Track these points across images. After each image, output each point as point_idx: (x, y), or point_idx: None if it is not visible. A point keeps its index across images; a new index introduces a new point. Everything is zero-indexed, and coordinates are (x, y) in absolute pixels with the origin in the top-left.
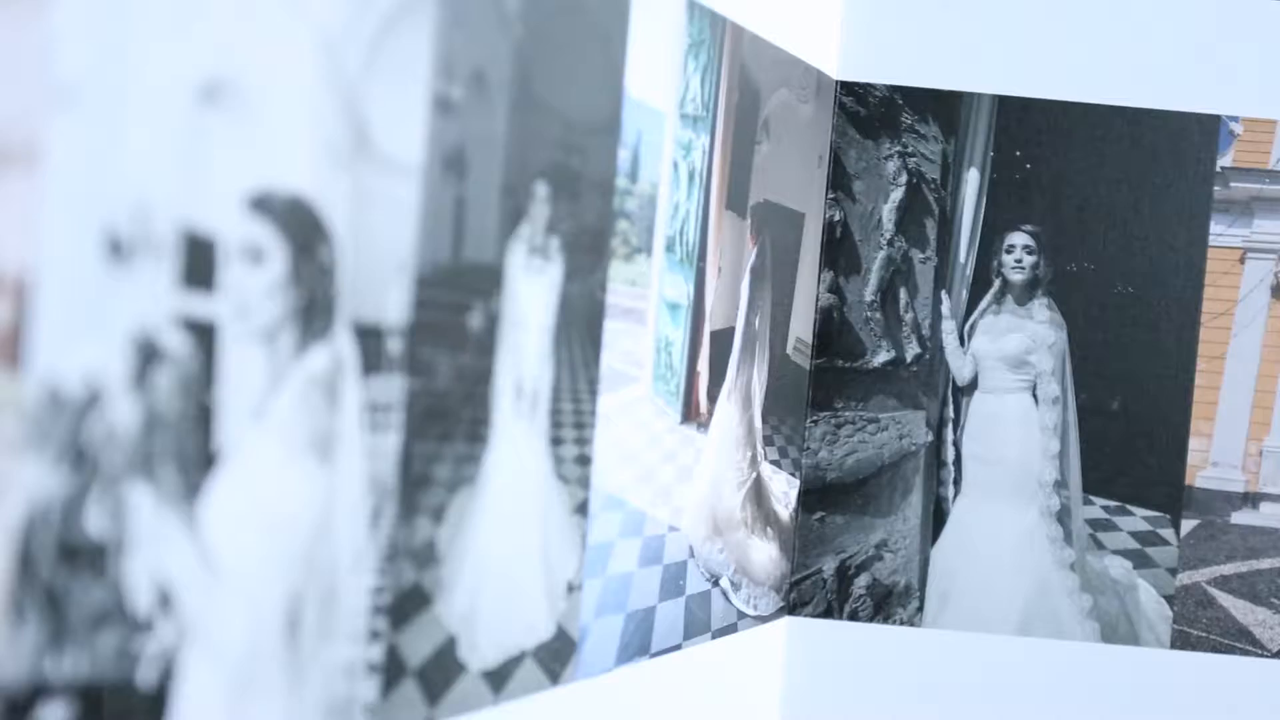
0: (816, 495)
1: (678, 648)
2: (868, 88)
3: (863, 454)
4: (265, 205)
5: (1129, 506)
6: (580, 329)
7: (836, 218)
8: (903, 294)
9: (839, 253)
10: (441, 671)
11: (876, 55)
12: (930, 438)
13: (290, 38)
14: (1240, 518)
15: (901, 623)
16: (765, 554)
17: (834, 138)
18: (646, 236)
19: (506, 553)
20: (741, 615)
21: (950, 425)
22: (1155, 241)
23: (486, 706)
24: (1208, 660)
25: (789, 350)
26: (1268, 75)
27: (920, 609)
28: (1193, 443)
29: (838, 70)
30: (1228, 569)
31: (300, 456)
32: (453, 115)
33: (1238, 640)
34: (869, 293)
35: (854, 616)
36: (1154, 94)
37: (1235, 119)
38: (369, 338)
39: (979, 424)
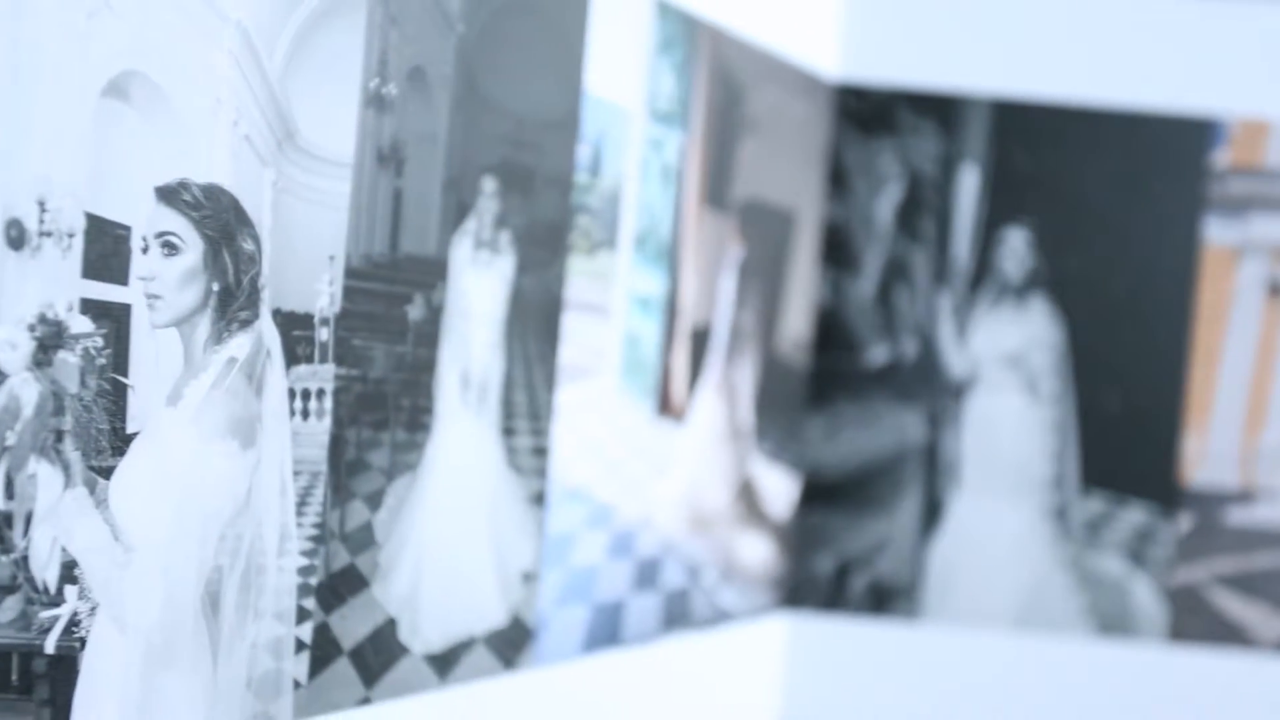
0: (815, 493)
1: (655, 640)
2: (867, 86)
3: (861, 452)
4: (179, 196)
5: (1125, 503)
6: (536, 322)
7: (835, 216)
8: (901, 292)
9: (837, 251)
10: (380, 653)
11: (876, 54)
12: (929, 436)
13: (208, 36)
14: (1236, 515)
15: (900, 619)
16: (758, 551)
17: (832, 136)
18: (611, 232)
19: (452, 539)
20: (732, 611)
21: (949, 423)
22: (1151, 240)
23: (431, 689)
24: (1204, 656)
25: (783, 348)
26: (1263, 75)
27: (919, 605)
28: (1188, 440)
29: (837, 69)
30: (1223, 566)
31: (220, 439)
32: (388, 111)
33: (1233, 636)
34: (867, 291)
35: (853, 613)
36: (1150, 94)
37: (1230, 119)
38: (297, 326)
39: (977, 422)
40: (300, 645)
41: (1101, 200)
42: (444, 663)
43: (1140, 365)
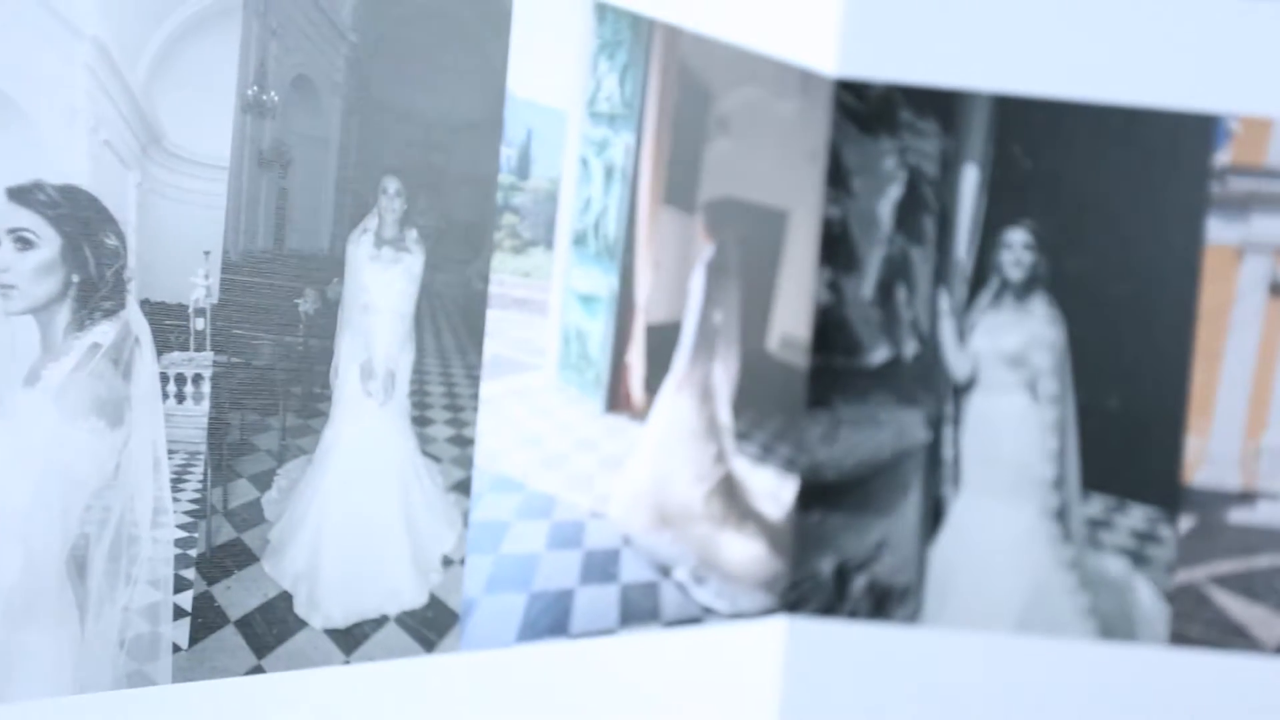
0: (815, 495)
1: (611, 633)
2: (866, 84)
3: (861, 453)
4: (33, 196)
5: (1127, 504)
6: (453, 316)
7: (834, 215)
8: (901, 291)
9: (837, 250)
10: (274, 625)
11: (875, 51)
12: (929, 436)
13: (63, 51)
14: (1237, 515)
15: (900, 622)
16: (745, 551)
17: (832, 134)
18: (544, 230)
19: (356, 520)
20: (710, 609)
21: (949, 424)
22: (1152, 239)
23: (336, 663)
24: (1205, 658)
25: (772, 347)
26: (1265, 73)
27: (919, 608)
28: (1190, 441)
29: (836, 67)
30: (1225, 567)
31: (84, 418)
32: (268, 117)
33: (1235, 638)
34: (867, 290)
35: (853, 616)
36: (1152, 92)
37: (1232, 117)
38: (169, 316)
39: (978, 422)
40: (180, 612)
41: (1103, 198)
42: (349, 638)
43: (1142, 366)
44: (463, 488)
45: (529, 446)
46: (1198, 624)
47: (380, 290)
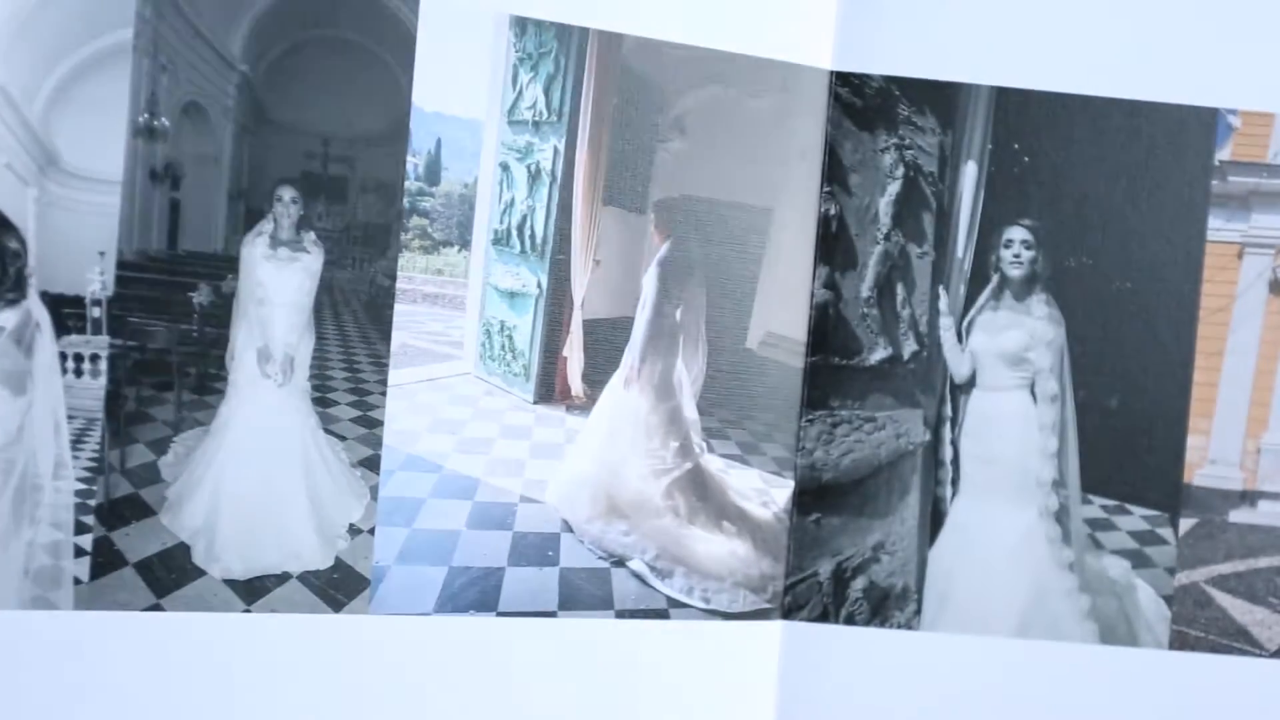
0: (812, 496)
1: (552, 615)
2: (864, 78)
3: (859, 454)
4: None
5: (1127, 505)
6: (356, 309)
7: (832, 211)
8: (900, 290)
9: (834, 247)
10: (172, 570)
11: (872, 46)
12: (928, 437)
13: None
14: (1238, 516)
15: (899, 626)
16: (721, 548)
17: (828, 130)
18: (458, 231)
19: (253, 485)
20: (681, 603)
21: (948, 424)
22: (1153, 236)
23: (237, 610)
24: (1206, 660)
25: (753, 345)
26: (1266, 68)
27: (918, 611)
28: (1191, 440)
29: (832, 61)
30: (1226, 568)
31: None
32: (159, 139)
33: (1236, 640)
34: (865, 288)
35: (851, 620)
36: (1152, 86)
37: (1233, 112)
38: (68, 305)
39: (977, 422)
40: (81, 551)
41: (1103, 195)
42: (249, 589)
43: (1143, 364)
44: (370, 464)
45: (445, 430)
46: (1199, 626)
47: (277, 286)
